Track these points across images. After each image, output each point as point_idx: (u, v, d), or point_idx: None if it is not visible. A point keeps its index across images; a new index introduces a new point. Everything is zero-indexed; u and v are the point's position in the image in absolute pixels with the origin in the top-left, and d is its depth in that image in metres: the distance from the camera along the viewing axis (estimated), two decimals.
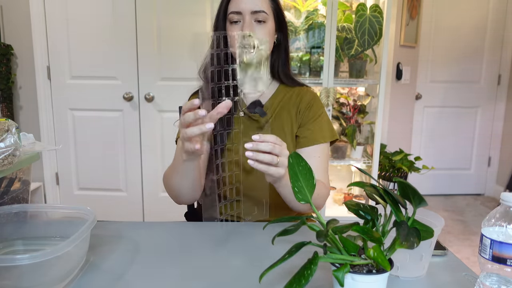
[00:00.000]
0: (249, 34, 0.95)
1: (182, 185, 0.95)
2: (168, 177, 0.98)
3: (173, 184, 0.96)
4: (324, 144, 1.05)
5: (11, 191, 0.86)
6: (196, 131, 0.75)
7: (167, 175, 1.00)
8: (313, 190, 0.61)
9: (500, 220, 0.57)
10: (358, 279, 0.54)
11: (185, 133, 0.76)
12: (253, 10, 0.97)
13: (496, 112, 3.53)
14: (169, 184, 0.98)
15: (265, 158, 0.76)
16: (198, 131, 0.75)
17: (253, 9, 0.97)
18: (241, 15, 0.98)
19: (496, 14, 3.37)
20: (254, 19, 0.98)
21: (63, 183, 2.79)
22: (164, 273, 0.71)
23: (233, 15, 0.98)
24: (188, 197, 0.99)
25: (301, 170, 0.62)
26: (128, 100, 2.65)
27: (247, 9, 0.97)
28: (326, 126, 1.08)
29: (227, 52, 0.91)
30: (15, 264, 0.57)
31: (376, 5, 2.32)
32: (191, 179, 0.93)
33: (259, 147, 0.75)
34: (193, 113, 0.74)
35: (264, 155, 0.75)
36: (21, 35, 2.55)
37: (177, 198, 1.01)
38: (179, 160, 0.89)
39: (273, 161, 0.76)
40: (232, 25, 0.99)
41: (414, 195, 0.56)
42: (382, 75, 2.36)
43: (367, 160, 2.53)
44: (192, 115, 0.74)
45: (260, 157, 0.75)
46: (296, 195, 0.61)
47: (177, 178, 0.94)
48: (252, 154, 0.75)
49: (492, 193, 3.63)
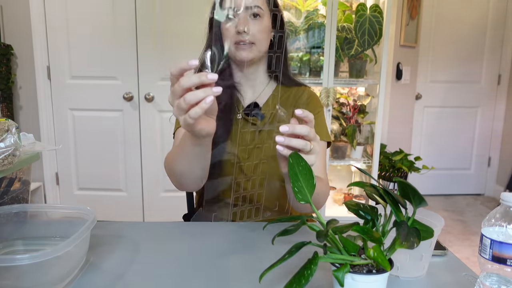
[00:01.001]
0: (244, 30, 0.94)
1: (190, 171, 0.85)
2: (173, 161, 0.87)
3: (178, 169, 0.86)
4: (321, 142, 1.03)
5: (11, 191, 0.86)
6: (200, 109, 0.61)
7: (171, 159, 0.89)
8: (313, 190, 0.61)
9: (500, 220, 0.57)
10: (358, 279, 0.54)
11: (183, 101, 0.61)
12: (248, 5, 0.96)
13: (496, 112, 3.53)
14: (173, 169, 0.88)
15: (299, 143, 0.66)
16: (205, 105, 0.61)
17: (248, 4, 0.96)
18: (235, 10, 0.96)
19: (496, 14, 3.37)
20: (249, 14, 0.97)
21: (63, 183, 2.79)
22: (164, 273, 0.71)
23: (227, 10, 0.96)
24: (193, 184, 0.91)
25: (301, 170, 0.62)
26: (128, 100, 2.65)
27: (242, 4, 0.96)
28: (323, 126, 1.06)
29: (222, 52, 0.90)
30: (15, 264, 0.57)
31: (376, 5, 2.32)
32: (201, 165, 0.84)
33: (296, 130, 0.65)
34: (197, 75, 0.61)
35: (297, 141, 0.66)
36: (21, 35, 2.55)
37: (180, 184, 0.92)
38: (186, 143, 0.79)
39: (306, 147, 0.67)
40: (227, 21, 0.97)
41: (414, 195, 0.56)
42: (382, 75, 2.36)
43: (367, 160, 2.53)
44: (195, 78, 0.61)
45: (293, 143, 0.66)
46: (296, 195, 0.61)
47: (184, 164, 0.84)
48: (284, 140, 0.65)
49: (492, 193, 3.63)
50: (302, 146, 0.66)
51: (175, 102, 0.64)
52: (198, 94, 0.61)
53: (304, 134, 0.66)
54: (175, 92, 0.63)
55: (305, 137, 0.67)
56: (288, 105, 1.08)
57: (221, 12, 0.96)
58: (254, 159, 1.01)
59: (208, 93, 0.61)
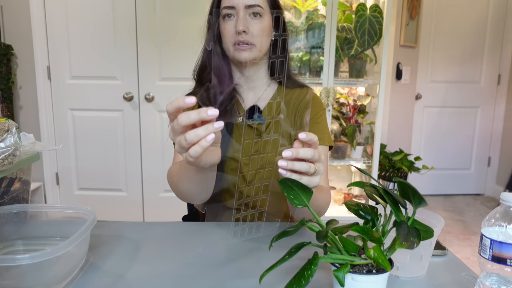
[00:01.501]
0: (244, 30, 0.91)
1: (195, 193, 0.85)
2: (178, 182, 0.86)
3: (183, 190, 0.86)
4: (323, 146, 1.01)
5: (11, 191, 0.86)
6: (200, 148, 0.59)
7: (175, 179, 0.87)
8: (310, 195, 0.60)
9: (500, 220, 0.57)
10: (358, 279, 0.54)
11: (184, 140, 0.59)
12: (247, 4, 0.93)
13: (496, 112, 3.53)
14: (178, 189, 0.87)
15: (302, 167, 0.63)
16: (206, 144, 0.58)
17: (247, 3, 0.93)
18: (234, 10, 0.93)
19: (496, 14, 3.37)
20: (249, 14, 0.94)
21: (63, 183, 2.79)
22: (164, 273, 0.71)
23: (225, 10, 0.94)
24: (199, 200, 0.90)
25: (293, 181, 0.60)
26: (128, 100, 2.65)
27: (241, 3, 0.92)
28: (325, 130, 1.03)
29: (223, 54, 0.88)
30: (15, 264, 0.57)
31: (376, 5, 2.32)
32: (208, 186, 0.83)
33: (300, 155, 0.62)
34: (197, 112, 0.58)
35: (301, 164, 0.63)
36: (21, 35, 2.55)
37: (185, 200, 0.92)
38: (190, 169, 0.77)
39: (310, 170, 0.64)
40: (226, 20, 0.95)
41: (414, 195, 0.56)
42: (382, 75, 2.36)
43: (367, 160, 2.53)
44: (194, 115, 0.58)
45: (297, 167, 0.63)
46: (292, 201, 0.59)
47: (188, 186, 0.83)
48: (287, 164, 0.62)
49: (492, 193, 3.63)
50: (306, 169, 0.64)
51: (176, 139, 0.62)
52: (199, 132, 0.58)
53: (309, 158, 0.63)
54: (175, 130, 0.60)
55: (308, 160, 0.64)
56: (290, 107, 1.05)
57: (219, 11, 0.95)
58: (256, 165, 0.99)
59: (209, 130, 0.58)
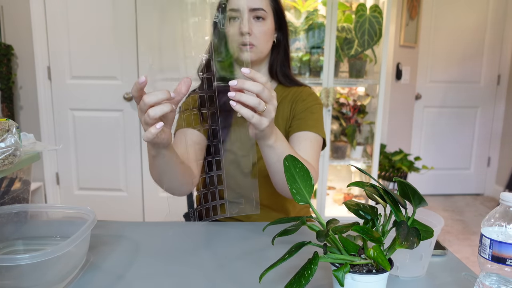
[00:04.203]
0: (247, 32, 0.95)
1: (165, 179, 0.88)
2: (150, 173, 0.92)
3: (156, 180, 0.91)
4: (316, 134, 1.01)
5: (12, 191, 0.86)
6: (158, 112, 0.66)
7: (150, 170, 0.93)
8: (311, 190, 0.61)
9: (500, 220, 0.57)
10: (358, 279, 0.54)
11: (147, 116, 0.66)
12: (251, 7, 0.97)
13: (496, 112, 3.54)
14: (154, 179, 0.92)
15: (250, 100, 0.65)
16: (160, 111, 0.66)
17: (251, 6, 0.97)
18: (239, 12, 0.97)
19: (496, 14, 3.37)
20: (253, 17, 0.98)
21: (63, 183, 2.79)
22: (164, 273, 0.71)
23: (231, 12, 0.98)
24: (177, 191, 0.93)
25: (298, 171, 0.61)
26: (128, 100, 2.65)
27: (246, 6, 0.96)
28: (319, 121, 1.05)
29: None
30: (16, 264, 0.57)
31: (376, 5, 2.32)
32: (172, 173, 0.86)
33: (245, 85, 0.65)
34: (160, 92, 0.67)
35: (249, 97, 0.65)
36: (22, 35, 2.55)
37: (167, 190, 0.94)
38: (150, 155, 0.83)
39: (259, 107, 0.66)
40: (231, 23, 0.99)
41: (414, 195, 0.56)
42: (382, 75, 2.36)
43: (367, 160, 2.53)
44: (160, 94, 0.67)
45: (244, 98, 0.64)
46: (294, 197, 0.60)
47: (157, 174, 0.88)
48: (235, 94, 0.64)
49: (492, 193, 3.63)
50: (255, 103, 0.65)
51: (142, 118, 0.69)
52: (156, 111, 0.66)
53: (256, 92, 0.65)
54: (142, 109, 0.68)
55: (258, 96, 0.66)
56: (286, 102, 1.08)
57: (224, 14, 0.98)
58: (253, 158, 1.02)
59: (164, 110, 0.66)
